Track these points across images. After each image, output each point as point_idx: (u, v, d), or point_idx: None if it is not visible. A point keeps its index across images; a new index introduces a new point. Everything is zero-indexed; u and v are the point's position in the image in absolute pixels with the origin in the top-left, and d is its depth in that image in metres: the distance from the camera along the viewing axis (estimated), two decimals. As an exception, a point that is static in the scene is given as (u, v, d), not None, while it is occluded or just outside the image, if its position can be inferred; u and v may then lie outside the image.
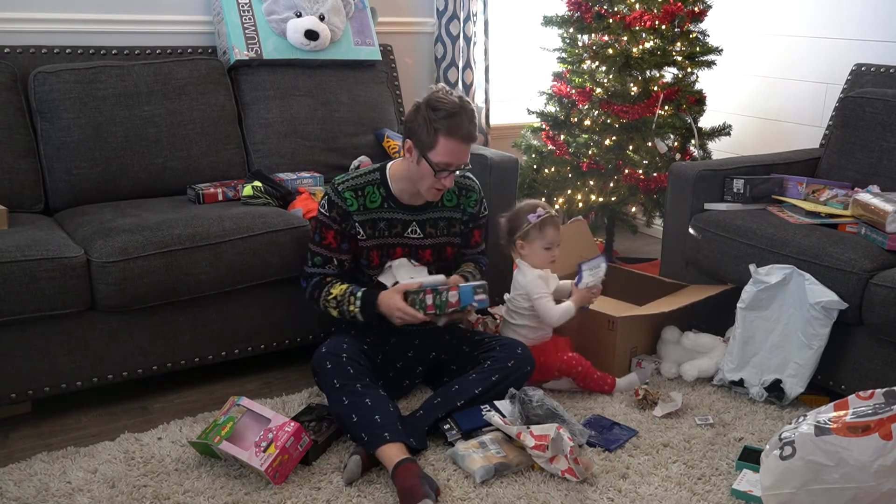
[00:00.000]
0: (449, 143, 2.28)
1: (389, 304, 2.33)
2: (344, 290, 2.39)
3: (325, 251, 2.43)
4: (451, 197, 2.51)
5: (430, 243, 2.48)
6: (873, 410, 1.87)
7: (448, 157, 2.29)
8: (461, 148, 2.30)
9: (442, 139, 2.27)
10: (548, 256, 2.61)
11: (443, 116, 2.26)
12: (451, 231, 2.53)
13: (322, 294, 2.42)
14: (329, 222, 2.40)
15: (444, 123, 2.26)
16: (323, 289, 2.42)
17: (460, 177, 2.52)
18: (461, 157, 2.32)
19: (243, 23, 3.10)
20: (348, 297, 2.38)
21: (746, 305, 2.61)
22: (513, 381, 2.36)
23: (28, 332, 2.31)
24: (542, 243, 2.59)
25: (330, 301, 2.40)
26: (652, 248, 4.13)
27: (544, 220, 2.57)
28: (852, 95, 3.07)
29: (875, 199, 2.61)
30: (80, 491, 2.06)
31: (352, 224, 2.40)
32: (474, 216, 2.57)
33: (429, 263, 2.50)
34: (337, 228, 2.40)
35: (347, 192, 2.39)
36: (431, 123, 2.27)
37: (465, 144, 2.31)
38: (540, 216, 2.57)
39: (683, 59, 3.44)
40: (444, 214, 2.50)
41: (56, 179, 2.77)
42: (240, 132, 3.11)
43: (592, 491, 2.11)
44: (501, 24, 4.09)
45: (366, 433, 2.14)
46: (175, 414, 2.46)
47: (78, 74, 2.79)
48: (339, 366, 2.27)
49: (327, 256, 2.43)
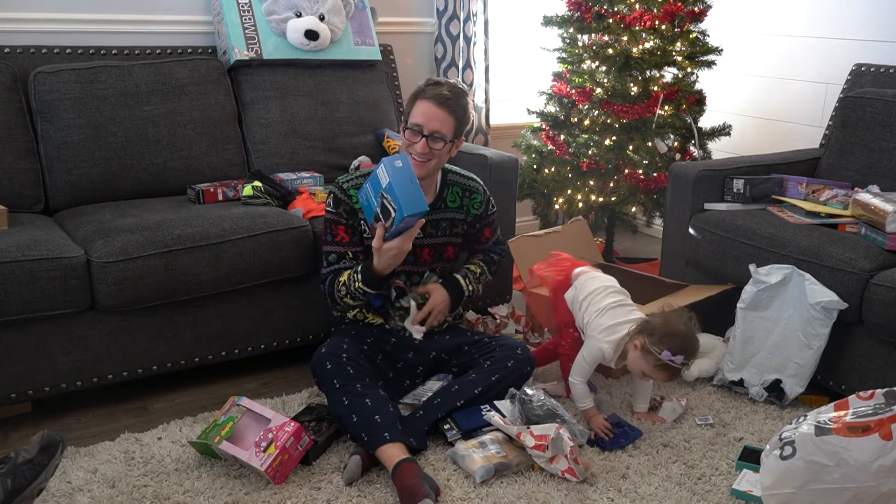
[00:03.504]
0: (422, 104, 2.34)
1: (388, 256, 2.27)
2: (348, 273, 2.39)
3: (339, 247, 2.42)
4: (455, 198, 2.51)
5: (429, 243, 2.48)
6: (873, 410, 1.87)
7: (419, 118, 2.33)
8: (433, 110, 2.32)
9: (418, 102, 2.35)
10: (640, 375, 2.34)
11: (426, 84, 2.37)
12: (454, 231, 2.53)
13: (335, 288, 2.41)
14: (337, 218, 2.41)
15: (424, 89, 2.36)
16: (335, 283, 2.41)
17: (462, 177, 2.51)
18: (432, 120, 2.32)
19: (243, 23, 3.10)
20: (352, 276, 2.37)
21: (746, 305, 2.61)
22: (512, 381, 2.36)
23: (28, 332, 2.31)
24: (650, 371, 2.30)
25: (341, 289, 2.39)
26: (652, 248, 4.13)
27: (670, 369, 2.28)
28: (852, 95, 3.07)
29: (875, 199, 2.61)
30: (80, 491, 2.06)
31: (358, 221, 2.41)
32: (480, 217, 2.56)
33: (426, 263, 2.50)
34: (346, 223, 2.41)
35: (353, 191, 2.39)
36: (414, 94, 2.38)
37: (439, 108, 2.32)
38: (674, 362, 2.25)
39: (683, 59, 3.44)
40: (446, 216, 2.50)
41: (56, 179, 2.77)
42: (240, 132, 3.11)
43: (592, 491, 2.11)
44: (501, 24, 4.09)
45: (366, 433, 2.15)
46: (175, 414, 2.46)
47: (78, 74, 2.79)
48: (339, 366, 2.27)
49: (341, 252, 2.43)
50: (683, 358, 2.25)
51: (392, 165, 2.18)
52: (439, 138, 2.33)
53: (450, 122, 2.35)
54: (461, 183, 2.52)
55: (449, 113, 2.34)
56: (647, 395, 2.50)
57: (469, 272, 2.57)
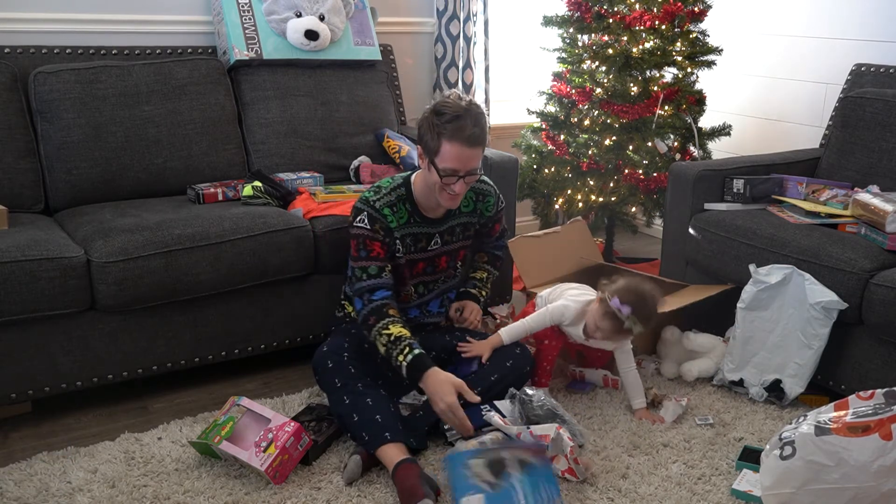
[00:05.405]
0: (453, 148, 2.20)
1: (439, 390, 2.18)
2: (403, 334, 2.24)
3: (376, 262, 2.31)
4: (468, 203, 2.49)
5: (446, 250, 2.48)
6: (873, 410, 1.87)
7: (453, 163, 2.21)
8: (466, 152, 2.21)
9: (445, 143, 2.20)
10: (593, 329, 2.42)
11: (446, 120, 2.19)
12: (466, 234, 2.53)
13: (379, 324, 2.26)
14: (373, 235, 2.30)
15: (447, 127, 2.19)
16: (382, 319, 2.27)
17: (478, 182, 2.48)
18: (467, 162, 2.22)
19: (243, 23, 3.10)
20: (405, 344, 2.23)
21: (746, 305, 2.61)
22: (512, 381, 2.36)
23: (28, 332, 2.31)
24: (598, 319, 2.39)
25: (383, 335, 2.25)
26: (652, 248, 4.13)
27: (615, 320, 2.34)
28: (852, 95, 3.07)
29: (875, 199, 2.61)
30: (80, 491, 2.06)
31: (393, 239, 2.35)
32: (491, 217, 2.57)
33: (443, 271, 2.50)
34: (382, 240, 2.32)
35: (386, 209, 2.33)
36: (435, 128, 2.21)
37: (471, 148, 2.21)
38: (620, 311, 2.32)
39: (683, 59, 3.44)
40: (461, 220, 2.49)
41: (56, 179, 2.77)
42: (240, 132, 3.11)
43: (592, 491, 2.11)
44: (501, 24, 4.09)
45: (367, 433, 2.15)
46: (175, 414, 2.46)
47: (78, 74, 2.79)
48: (341, 365, 2.27)
49: (380, 266, 2.31)
50: (630, 311, 2.31)
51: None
52: (474, 173, 2.28)
53: (481, 153, 2.28)
54: (473, 187, 2.49)
55: (479, 146, 2.25)
56: (639, 389, 2.50)
57: (477, 281, 2.57)
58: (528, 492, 1.94)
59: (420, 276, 2.47)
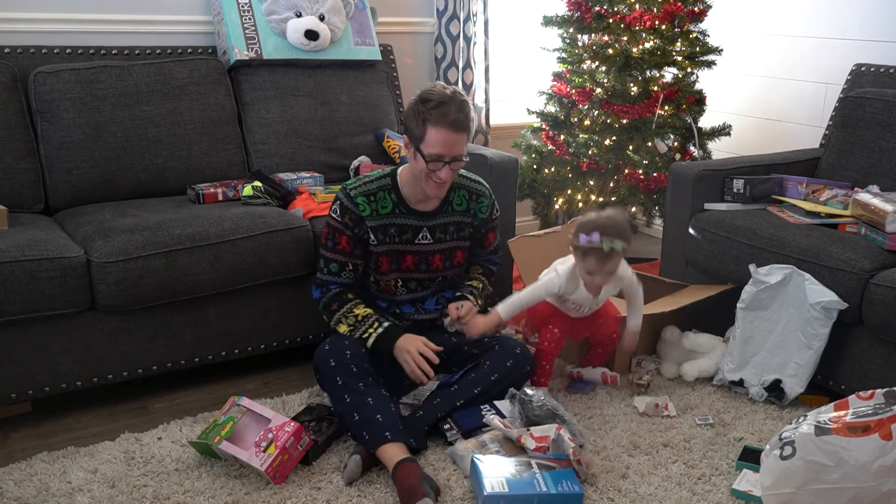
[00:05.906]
0: (438, 133, 2.24)
1: (407, 343, 2.33)
2: (368, 314, 2.38)
3: (340, 256, 2.39)
4: (462, 202, 2.49)
5: (440, 248, 2.47)
6: (873, 410, 1.87)
7: (438, 148, 2.25)
8: (451, 137, 2.25)
9: (430, 129, 2.24)
10: (586, 278, 2.44)
11: (431, 107, 2.24)
12: (461, 235, 2.52)
13: (342, 309, 2.39)
14: (342, 227, 2.37)
15: (431, 113, 2.24)
16: (345, 304, 2.39)
17: (469, 180, 2.49)
18: (452, 147, 2.26)
19: (243, 23, 3.10)
20: (373, 319, 2.36)
21: (746, 305, 2.61)
22: (512, 381, 2.36)
23: (28, 332, 2.31)
24: (582, 264, 2.42)
25: (349, 317, 2.37)
26: (652, 248, 4.13)
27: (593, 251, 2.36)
28: (852, 95, 3.07)
29: (875, 199, 2.61)
30: (80, 491, 2.06)
31: (364, 229, 2.38)
32: (486, 221, 2.56)
33: (438, 270, 2.50)
34: (350, 234, 2.37)
35: (360, 198, 2.36)
36: (420, 115, 2.26)
37: (456, 133, 2.25)
38: (591, 241, 2.35)
39: (683, 59, 3.44)
40: (454, 219, 2.49)
41: (56, 179, 2.77)
42: (240, 132, 3.11)
43: (592, 491, 2.11)
44: (501, 24, 4.09)
45: (367, 432, 2.15)
46: (175, 414, 2.46)
47: (78, 74, 2.79)
48: (342, 364, 2.27)
49: (342, 262, 2.39)
50: (598, 235, 2.32)
51: None
52: (460, 159, 2.31)
53: (465, 139, 2.31)
54: (468, 186, 2.50)
55: (464, 132, 2.29)
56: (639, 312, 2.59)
57: (473, 288, 2.57)
58: (549, 481, 2.00)
59: (412, 272, 2.46)
